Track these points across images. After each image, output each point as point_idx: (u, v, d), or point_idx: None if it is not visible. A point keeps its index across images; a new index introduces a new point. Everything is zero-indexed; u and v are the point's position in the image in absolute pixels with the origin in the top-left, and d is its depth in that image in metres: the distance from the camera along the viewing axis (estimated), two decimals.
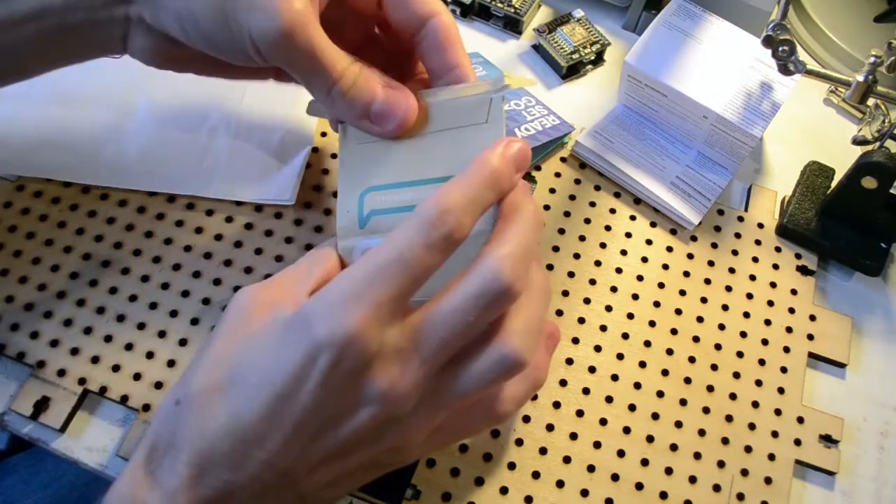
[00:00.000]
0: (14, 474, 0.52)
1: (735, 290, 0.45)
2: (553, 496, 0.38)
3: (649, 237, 0.47)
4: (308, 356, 0.25)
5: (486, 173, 0.27)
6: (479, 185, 0.27)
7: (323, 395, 0.25)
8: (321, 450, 0.26)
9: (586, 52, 0.53)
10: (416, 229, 0.26)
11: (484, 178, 0.27)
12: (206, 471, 0.25)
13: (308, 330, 0.25)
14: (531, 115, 0.48)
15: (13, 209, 0.43)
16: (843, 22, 0.56)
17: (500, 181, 0.28)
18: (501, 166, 0.28)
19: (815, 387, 0.43)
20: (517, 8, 0.54)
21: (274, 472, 0.26)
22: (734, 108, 0.46)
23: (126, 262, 0.42)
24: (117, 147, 0.44)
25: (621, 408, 0.41)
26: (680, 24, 0.49)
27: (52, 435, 0.38)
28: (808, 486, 0.40)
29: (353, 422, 0.26)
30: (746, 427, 0.41)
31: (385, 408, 0.26)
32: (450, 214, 0.26)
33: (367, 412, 0.26)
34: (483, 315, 0.26)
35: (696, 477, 0.39)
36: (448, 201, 0.26)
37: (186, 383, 0.27)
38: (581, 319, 0.43)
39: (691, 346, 0.43)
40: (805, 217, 0.47)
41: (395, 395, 0.26)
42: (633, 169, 0.48)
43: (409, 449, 0.29)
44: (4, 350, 0.39)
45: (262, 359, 0.26)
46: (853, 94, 0.42)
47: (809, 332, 0.44)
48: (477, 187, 0.27)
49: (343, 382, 0.25)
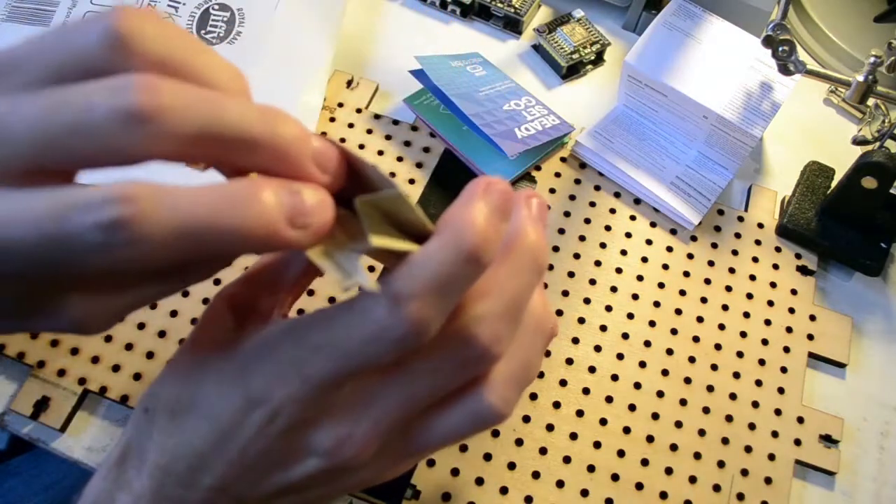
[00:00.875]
0: (16, 476, 0.52)
1: (735, 290, 0.45)
2: (553, 496, 0.38)
3: (649, 237, 0.47)
4: (241, 408, 0.23)
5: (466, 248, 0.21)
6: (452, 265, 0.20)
7: (262, 444, 0.24)
8: (273, 485, 0.25)
9: (586, 52, 0.53)
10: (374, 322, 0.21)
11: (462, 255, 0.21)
12: (164, 484, 0.24)
13: (244, 380, 0.23)
14: (531, 115, 0.48)
15: None
16: (843, 22, 0.56)
17: (479, 254, 0.21)
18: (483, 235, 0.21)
19: (815, 387, 0.43)
20: (517, 8, 0.54)
21: (227, 497, 0.25)
22: (734, 108, 0.46)
23: None
24: None
25: (621, 408, 0.41)
26: (680, 24, 0.49)
27: (52, 435, 0.38)
28: (808, 486, 0.40)
29: (302, 467, 0.24)
30: (746, 427, 0.41)
31: (333, 461, 0.24)
32: (412, 302, 0.20)
33: (315, 463, 0.24)
34: (453, 378, 0.23)
35: (696, 477, 0.39)
36: (412, 287, 0.20)
37: (154, 394, 0.26)
38: (581, 319, 0.43)
39: (691, 346, 0.43)
40: (805, 217, 0.47)
41: (343, 453, 0.24)
42: (633, 169, 0.48)
43: (380, 480, 0.27)
44: (4, 350, 0.39)
45: (212, 389, 0.24)
46: (853, 94, 0.42)
47: (809, 332, 0.44)
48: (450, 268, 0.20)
49: (281, 436, 0.23)
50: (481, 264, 0.21)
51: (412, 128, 0.49)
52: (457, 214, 0.21)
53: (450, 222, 0.21)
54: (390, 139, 0.49)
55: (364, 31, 0.54)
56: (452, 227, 0.21)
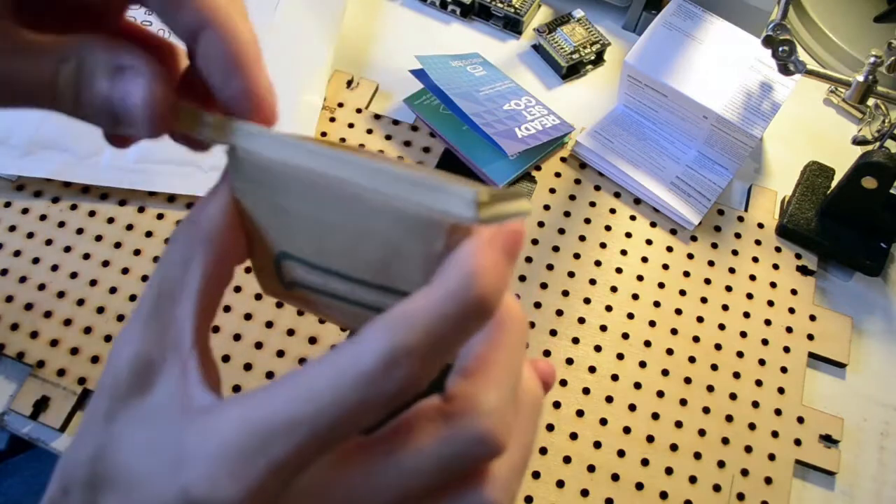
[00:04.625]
0: (16, 475, 0.52)
1: (735, 290, 0.45)
2: (553, 496, 0.38)
3: (649, 237, 0.47)
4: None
5: (471, 299, 0.18)
6: (457, 319, 0.18)
7: None
8: None
9: (586, 52, 0.53)
10: (350, 380, 0.17)
11: (468, 308, 0.18)
12: None
13: (178, 474, 0.18)
14: (531, 115, 0.48)
15: (13, 209, 0.43)
16: (843, 22, 0.56)
17: (490, 307, 0.18)
18: (495, 286, 0.18)
19: (815, 387, 0.43)
20: (517, 8, 0.54)
21: None
22: (734, 108, 0.46)
23: (126, 262, 0.42)
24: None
25: (621, 408, 0.41)
26: (680, 24, 0.49)
27: (52, 435, 0.38)
28: (808, 486, 0.40)
29: None
30: (746, 427, 0.41)
31: None
32: (409, 358, 0.17)
33: None
34: (452, 474, 0.20)
35: (696, 477, 0.39)
36: (407, 345, 0.17)
37: (67, 470, 0.21)
38: (581, 319, 0.43)
39: (691, 345, 0.43)
40: (805, 217, 0.47)
41: None
42: (633, 169, 0.48)
43: None
44: (4, 350, 0.39)
45: (140, 467, 0.20)
46: (853, 94, 0.42)
47: (809, 332, 0.44)
48: (454, 322, 0.18)
49: None
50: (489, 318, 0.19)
51: (412, 128, 0.49)
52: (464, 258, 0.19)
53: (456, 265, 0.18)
54: (390, 139, 0.49)
55: (364, 31, 0.54)
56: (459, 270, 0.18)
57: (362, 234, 0.20)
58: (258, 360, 0.40)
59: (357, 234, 0.20)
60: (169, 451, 0.19)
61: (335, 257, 0.22)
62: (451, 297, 0.18)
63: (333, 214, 0.20)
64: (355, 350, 0.18)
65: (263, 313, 0.41)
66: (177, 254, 0.22)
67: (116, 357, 0.21)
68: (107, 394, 0.21)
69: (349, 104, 0.50)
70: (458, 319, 0.18)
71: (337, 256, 0.22)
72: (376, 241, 0.20)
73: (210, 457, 0.18)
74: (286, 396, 0.18)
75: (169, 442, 0.19)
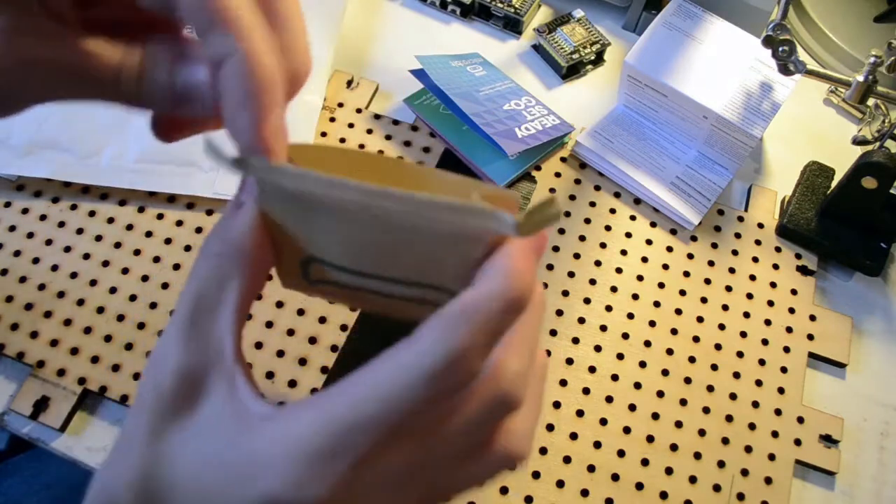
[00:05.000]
0: (16, 475, 0.52)
1: (735, 290, 0.45)
2: (553, 496, 0.38)
3: (649, 237, 0.47)
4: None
5: (513, 299, 0.20)
6: (501, 315, 0.20)
7: None
8: None
9: (586, 52, 0.53)
10: (418, 377, 0.19)
11: (510, 305, 0.20)
12: None
13: (254, 481, 0.19)
14: (531, 115, 0.48)
15: (13, 209, 0.43)
16: (843, 22, 0.56)
17: (526, 302, 0.21)
18: (529, 284, 0.21)
19: (815, 387, 0.43)
20: (517, 8, 0.54)
21: None
22: (734, 108, 0.46)
23: (126, 262, 0.42)
24: (117, 147, 0.44)
25: (621, 408, 0.41)
26: (680, 24, 0.49)
27: (52, 435, 0.38)
28: (808, 486, 0.40)
29: None
30: (746, 427, 0.41)
31: None
32: (468, 354, 0.19)
33: None
34: (481, 435, 0.22)
35: (696, 477, 0.39)
36: (465, 342, 0.19)
37: (109, 492, 0.21)
38: (581, 319, 0.43)
39: (691, 345, 0.43)
40: (805, 217, 0.47)
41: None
42: (633, 169, 0.48)
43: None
44: (4, 350, 0.39)
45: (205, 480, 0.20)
46: (853, 94, 0.42)
47: (809, 332, 0.44)
48: (500, 318, 0.20)
49: None
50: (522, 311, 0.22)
51: (412, 128, 0.49)
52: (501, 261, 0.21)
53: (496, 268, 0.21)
54: (390, 139, 0.49)
55: (364, 31, 0.54)
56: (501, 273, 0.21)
57: (401, 246, 0.22)
58: (258, 360, 0.40)
59: (395, 247, 0.22)
60: (236, 461, 0.20)
61: (369, 263, 0.23)
62: (497, 298, 0.20)
63: (371, 234, 0.22)
64: (418, 349, 0.19)
65: (263, 313, 0.41)
66: (211, 270, 0.22)
67: (156, 372, 0.22)
68: (150, 410, 0.21)
69: (349, 104, 0.50)
70: (502, 315, 0.20)
71: (371, 263, 0.23)
72: (415, 251, 0.22)
73: (290, 459, 0.19)
74: (358, 397, 0.19)
75: (233, 452, 0.20)
